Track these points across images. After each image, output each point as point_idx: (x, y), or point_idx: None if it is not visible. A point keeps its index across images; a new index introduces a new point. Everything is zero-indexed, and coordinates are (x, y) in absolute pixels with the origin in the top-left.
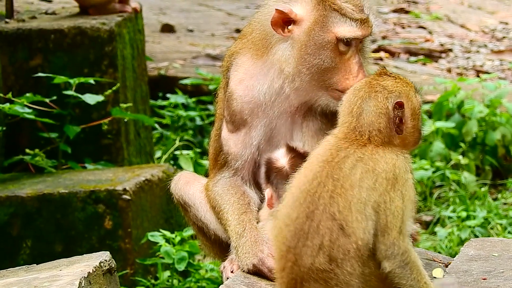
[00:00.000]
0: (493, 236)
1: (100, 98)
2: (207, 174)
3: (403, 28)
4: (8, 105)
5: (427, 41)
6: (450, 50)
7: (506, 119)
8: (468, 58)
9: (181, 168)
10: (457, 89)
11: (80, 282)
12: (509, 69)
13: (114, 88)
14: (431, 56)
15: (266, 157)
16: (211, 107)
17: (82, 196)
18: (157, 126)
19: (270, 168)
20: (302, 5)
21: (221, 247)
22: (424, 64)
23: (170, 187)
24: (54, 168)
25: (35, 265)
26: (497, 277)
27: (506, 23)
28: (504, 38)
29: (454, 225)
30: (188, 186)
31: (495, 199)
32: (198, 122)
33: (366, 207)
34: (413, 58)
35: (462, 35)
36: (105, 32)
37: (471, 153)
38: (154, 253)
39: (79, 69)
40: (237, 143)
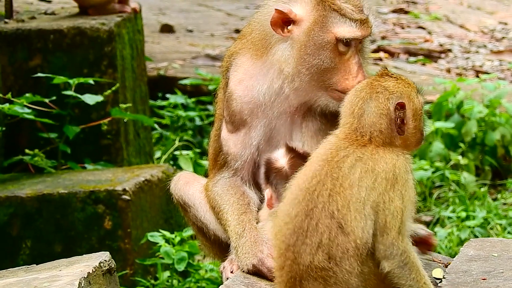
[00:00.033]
0: (492, 236)
1: (99, 98)
2: (207, 175)
3: (403, 28)
4: (7, 105)
5: (427, 41)
6: (450, 50)
7: (506, 119)
8: (467, 58)
9: (180, 168)
10: (456, 89)
11: (79, 282)
12: (508, 69)
13: (114, 88)
14: (431, 56)
15: (266, 157)
16: (211, 108)
17: (82, 196)
18: (156, 126)
19: (270, 168)
20: (302, 5)
21: (220, 247)
22: (423, 64)
23: (170, 188)
24: (53, 168)
25: (35, 265)
26: (496, 277)
27: (506, 24)
28: (503, 38)
29: (454, 225)
30: (187, 186)
31: (495, 199)
32: (198, 122)
33: (365, 207)
34: (412, 59)
35: (462, 36)
36: (104, 32)
37: (471, 153)
38: (154, 253)
39: (79, 69)
40: (236, 144)
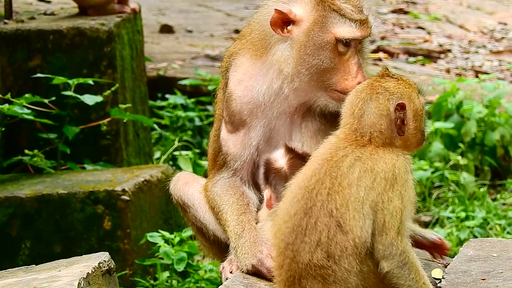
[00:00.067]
0: (492, 236)
1: (99, 98)
2: (206, 175)
3: (402, 28)
4: (7, 105)
5: (426, 41)
6: (449, 50)
7: (505, 120)
8: (467, 58)
9: (180, 168)
10: (456, 89)
11: (79, 282)
12: (508, 69)
13: (113, 88)
14: (430, 56)
15: (265, 158)
16: (210, 108)
17: (81, 196)
18: (156, 126)
19: (269, 169)
20: (302, 5)
21: (220, 248)
22: (423, 64)
23: (169, 188)
24: (53, 168)
25: (34, 265)
26: (496, 277)
27: (505, 24)
28: (503, 38)
29: (453, 225)
30: (187, 186)
31: (494, 200)
32: (197, 122)
33: (364, 206)
34: (412, 59)
35: (461, 36)
36: (104, 32)
37: (470, 153)
38: (153, 253)
39: (78, 69)
40: (236, 144)
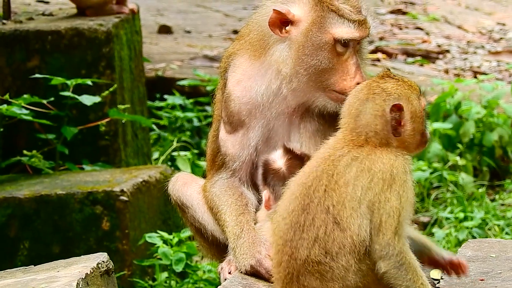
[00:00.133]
0: (490, 237)
1: (96, 99)
2: (205, 175)
3: (401, 29)
4: (5, 106)
5: (425, 42)
6: (448, 51)
7: (504, 120)
8: (465, 59)
9: (178, 169)
10: (454, 90)
11: (77, 283)
12: (506, 70)
13: (111, 89)
14: (429, 57)
15: (263, 158)
16: (209, 108)
17: (80, 197)
18: (154, 127)
19: (267, 169)
20: (300, 5)
21: (218, 248)
22: (421, 65)
23: (168, 188)
24: (51, 169)
25: (33, 266)
26: (494, 278)
27: (504, 24)
28: (501, 39)
29: (452, 226)
30: (185, 187)
31: (493, 200)
32: (196, 123)
33: (361, 206)
34: (410, 59)
35: (460, 36)
36: (102, 33)
37: (469, 154)
38: (152, 254)
39: (77, 70)
40: (234, 144)
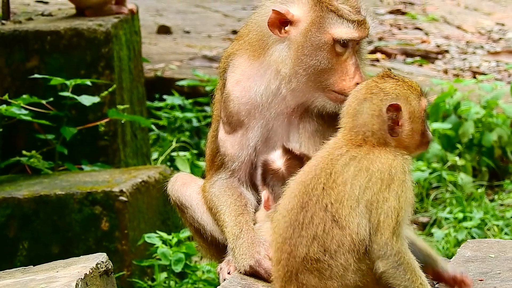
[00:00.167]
0: (489, 237)
1: (95, 99)
2: (204, 176)
3: (400, 29)
4: (4, 106)
5: (424, 42)
6: (447, 51)
7: (503, 120)
8: (464, 59)
9: (177, 169)
10: (453, 90)
11: (76, 283)
12: (505, 70)
13: (111, 89)
14: (428, 57)
15: (262, 159)
16: (208, 109)
17: (79, 197)
18: (153, 127)
19: (267, 170)
20: (299, 6)
21: (218, 249)
22: (420, 65)
23: (167, 189)
24: (50, 169)
25: (32, 266)
26: (493, 278)
27: (503, 25)
28: (500, 39)
29: (451, 226)
30: (185, 187)
31: (492, 200)
32: (195, 123)
33: (359, 204)
34: (409, 60)
35: (459, 37)
36: (101, 33)
37: (468, 154)
38: (151, 254)
39: (76, 70)
40: (234, 145)
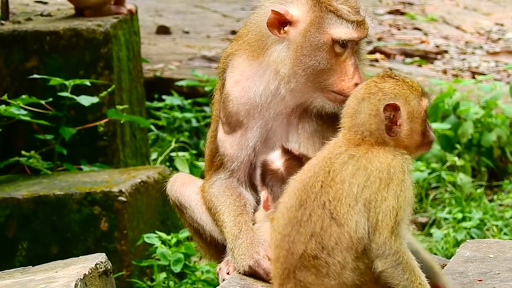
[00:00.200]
0: (489, 237)
1: (94, 99)
2: (203, 176)
3: (399, 29)
4: (3, 106)
5: (423, 42)
6: (446, 51)
7: (502, 121)
8: (463, 59)
9: (177, 169)
10: (452, 90)
11: (76, 284)
12: (504, 70)
13: (110, 89)
14: (427, 57)
15: (262, 159)
16: (207, 109)
17: (78, 197)
18: (152, 127)
19: (266, 170)
20: (298, 6)
21: (217, 249)
22: (419, 65)
23: (166, 189)
24: (49, 170)
25: (31, 267)
26: (493, 278)
27: (502, 25)
28: (499, 39)
29: (450, 226)
30: (184, 187)
31: (491, 201)
32: (194, 123)
33: (358, 203)
34: (408, 60)
35: (458, 37)
36: (100, 34)
37: (467, 154)
38: (150, 254)
39: (75, 71)
40: (233, 145)
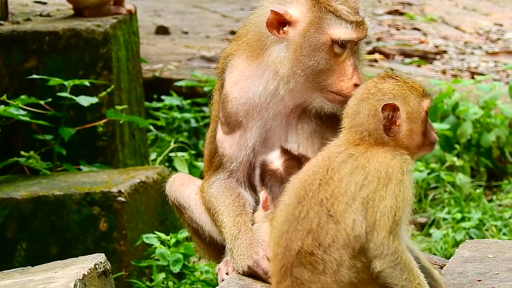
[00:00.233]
0: (488, 237)
1: (93, 100)
2: (202, 176)
3: (398, 29)
4: (3, 107)
5: (422, 42)
6: (445, 51)
7: (501, 121)
8: (462, 59)
9: (176, 170)
10: (451, 90)
11: (75, 284)
12: (503, 70)
13: (109, 90)
14: (426, 57)
15: (261, 159)
16: (206, 109)
17: (77, 198)
18: (152, 128)
19: (265, 170)
20: (298, 6)
21: (216, 249)
22: (418, 65)
23: (165, 189)
24: (49, 170)
25: (30, 267)
26: (492, 278)
27: (501, 25)
28: (498, 39)
29: (449, 226)
30: (183, 188)
31: (490, 201)
32: (193, 124)
33: (355, 201)
34: (407, 60)
35: (457, 37)
36: (99, 34)
37: (466, 154)
38: (149, 255)
39: (74, 71)
40: (232, 145)
